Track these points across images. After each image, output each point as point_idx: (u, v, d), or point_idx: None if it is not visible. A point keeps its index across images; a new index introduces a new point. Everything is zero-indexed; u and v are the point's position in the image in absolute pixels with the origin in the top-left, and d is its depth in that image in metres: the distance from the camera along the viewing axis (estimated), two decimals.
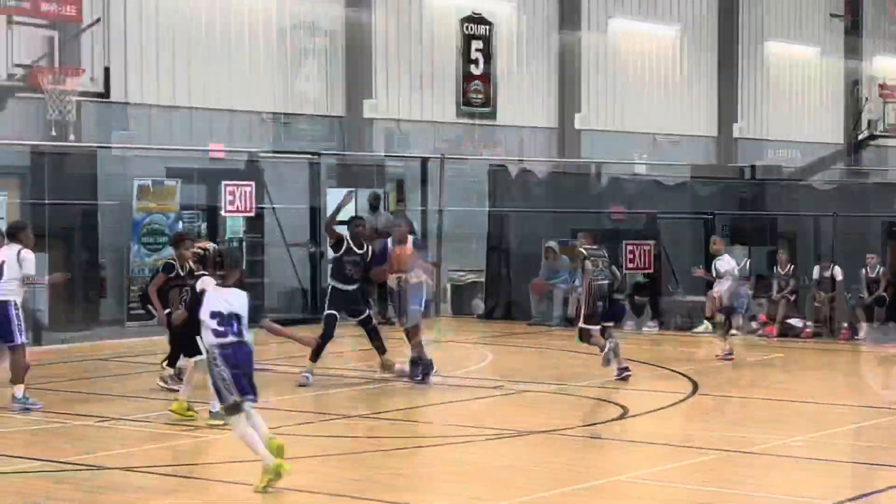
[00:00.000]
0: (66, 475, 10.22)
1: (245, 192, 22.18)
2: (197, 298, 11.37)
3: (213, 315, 9.68)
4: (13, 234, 13.50)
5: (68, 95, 15.98)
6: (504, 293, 23.28)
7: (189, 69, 23.39)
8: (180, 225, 22.39)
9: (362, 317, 15.53)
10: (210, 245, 12.96)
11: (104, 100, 17.69)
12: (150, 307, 14.28)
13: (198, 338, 11.41)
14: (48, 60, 16.34)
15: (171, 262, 14.17)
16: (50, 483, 10.02)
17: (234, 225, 23.03)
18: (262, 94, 24.57)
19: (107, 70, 16.77)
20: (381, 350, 15.48)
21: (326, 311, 15.26)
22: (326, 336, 14.94)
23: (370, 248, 15.65)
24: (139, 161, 22.09)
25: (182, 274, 13.96)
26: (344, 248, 15.38)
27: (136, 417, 12.78)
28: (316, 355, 14.87)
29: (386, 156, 25.93)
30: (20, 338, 13.14)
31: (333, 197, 23.92)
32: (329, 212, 23.21)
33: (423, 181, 25.20)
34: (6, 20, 15.80)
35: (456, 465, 10.84)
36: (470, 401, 14.50)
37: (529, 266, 22.80)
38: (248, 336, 9.76)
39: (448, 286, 24.36)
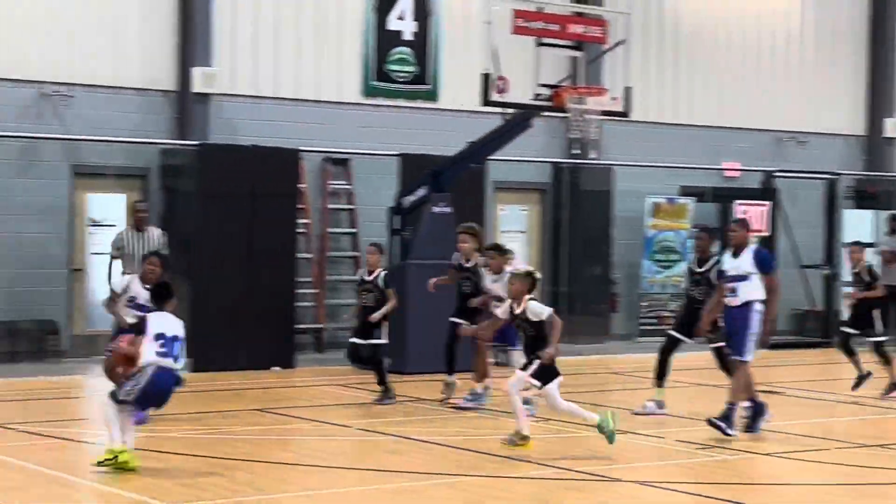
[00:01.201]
0: (579, 484, 10.49)
1: (759, 211, 22.03)
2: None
3: (158, 336, 10.32)
4: None
5: (590, 115, 16.40)
6: None
7: (706, 88, 23.45)
8: (689, 244, 22.54)
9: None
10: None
11: (624, 119, 18.07)
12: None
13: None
14: (572, 81, 16.87)
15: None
16: (562, 490, 10.32)
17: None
18: (779, 112, 24.25)
19: (627, 90, 17.11)
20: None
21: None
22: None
23: (714, 261, 13.60)
24: (654, 178, 22.43)
25: (465, 266, 14.40)
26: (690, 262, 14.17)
27: (648, 432, 12.90)
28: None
29: None
30: None
31: (850, 218, 23.31)
32: (845, 233, 22.72)
33: None
34: (534, 42, 16.44)
35: None
36: None
37: None
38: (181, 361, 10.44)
39: None
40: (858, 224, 23.18)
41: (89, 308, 18.26)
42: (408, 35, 20.54)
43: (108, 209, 18.61)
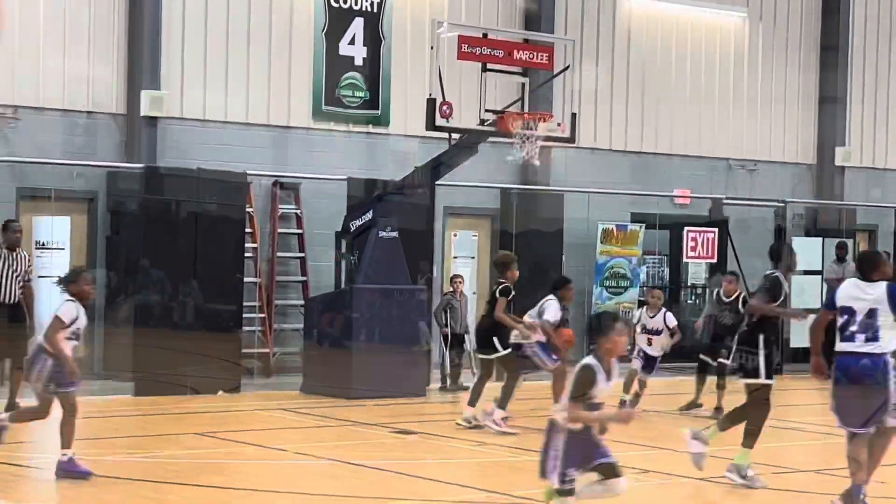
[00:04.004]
0: None
1: (708, 238, 22.15)
2: None
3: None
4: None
5: (536, 140, 16.47)
6: None
7: (656, 115, 23.59)
8: (643, 269, 22.63)
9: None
10: None
11: (571, 145, 18.16)
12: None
13: None
14: (518, 106, 16.94)
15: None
16: None
17: (697, 271, 22.98)
18: (729, 139, 24.42)
19: (574, 116, 17.19)
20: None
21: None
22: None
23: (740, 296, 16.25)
24: (604, 205, 22.48)
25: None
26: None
27: None
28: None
29: (856, 205, 25.09)
30: None
31: (799, 245, 23.45)
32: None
33: None
34: (480, 67, 16.51)
35: None
36: None
37: None
38: None
39: None
40: (807, 251, 23.31)
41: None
42: (359, 60, 20.57)
43: (55, 232, 18.52)
